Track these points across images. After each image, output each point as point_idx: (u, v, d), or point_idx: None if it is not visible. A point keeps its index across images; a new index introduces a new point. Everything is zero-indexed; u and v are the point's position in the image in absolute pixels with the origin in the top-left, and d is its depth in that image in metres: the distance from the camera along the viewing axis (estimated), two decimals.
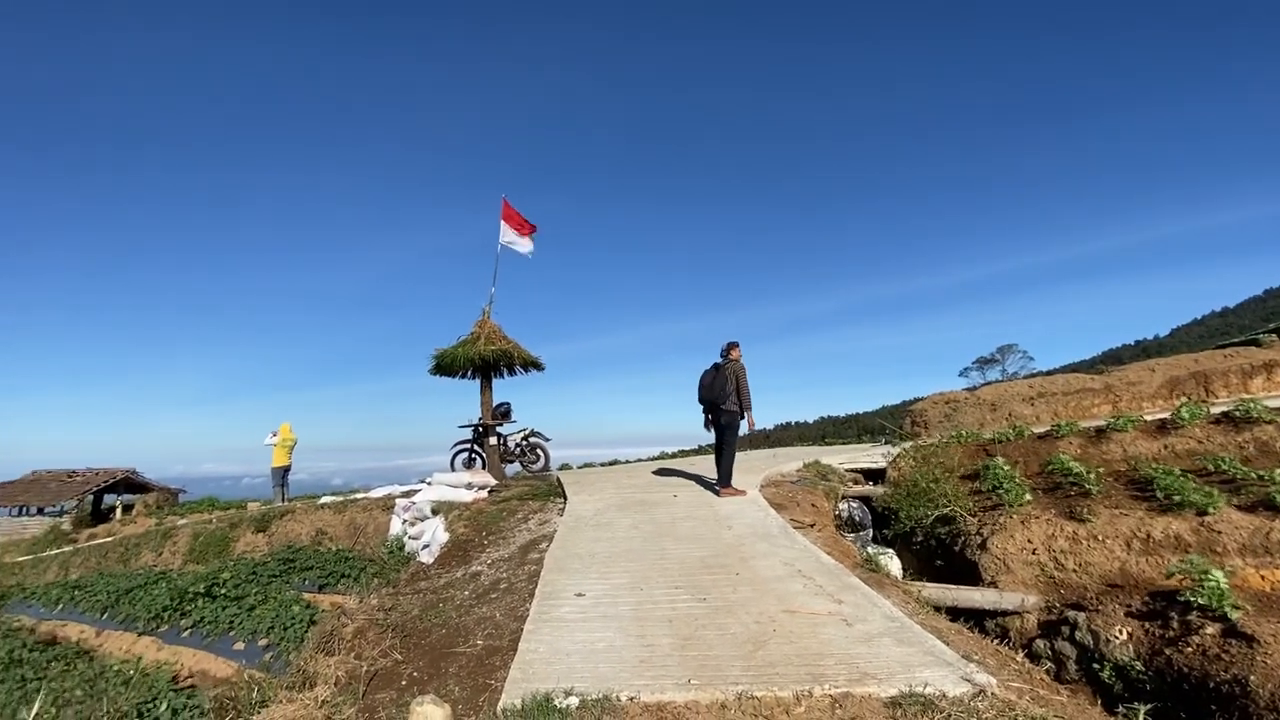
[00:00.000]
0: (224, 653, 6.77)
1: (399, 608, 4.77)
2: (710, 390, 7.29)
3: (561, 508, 7.59)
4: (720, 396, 7.20)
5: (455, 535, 7.05)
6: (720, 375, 7.25)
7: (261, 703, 3.18)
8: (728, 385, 7.17)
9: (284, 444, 13.73)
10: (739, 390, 7.18)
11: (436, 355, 10.95)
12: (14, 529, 21.16)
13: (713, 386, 7.27)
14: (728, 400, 7.17)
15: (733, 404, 7.19)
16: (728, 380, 7.18)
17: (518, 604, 4.53)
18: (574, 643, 3.57)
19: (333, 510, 10.68)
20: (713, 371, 7.37)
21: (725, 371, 7.24)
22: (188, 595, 7.89)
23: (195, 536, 11.65)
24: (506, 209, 11.49)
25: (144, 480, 23.73)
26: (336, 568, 8.51)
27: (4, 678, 6.66)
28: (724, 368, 7.28)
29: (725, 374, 7.22)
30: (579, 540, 5.76)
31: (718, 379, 7.25)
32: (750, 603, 4.08)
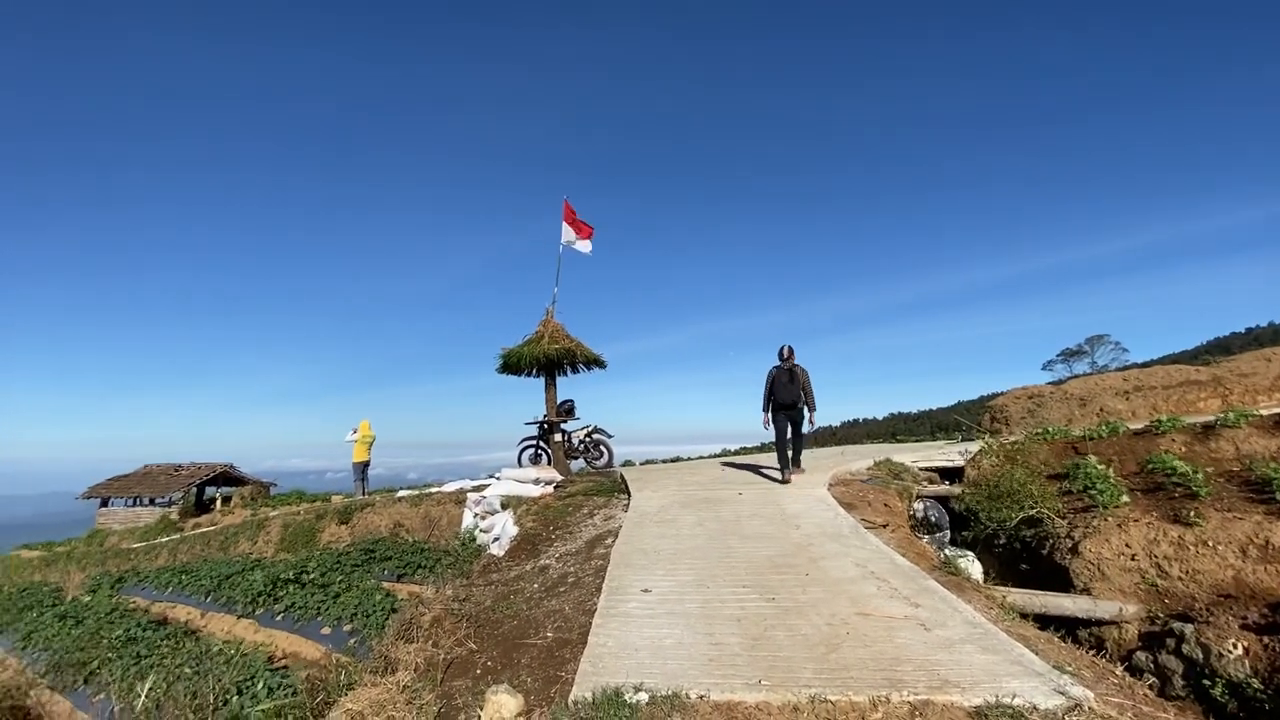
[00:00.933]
0: (313, 636, 7.21)
1: (472, 598, 4.93)
2: (789, 391, 7.91)
3: (626, 504, 7.65)
4: (795, 398, 7.91)
5: (524, 529, 7.22)
6: (795, 378, 7.92)
7: (348, 685, 3.35)
8: (795, 384, 7.88)
9: (364, 440, 14.48)
10: (806, 392, 7.94)
11: (503, 355, 11.27)
12: (129, 518, 23.31)
13: (790, 388, 7.90)
14: (801, 401, 7.93)
15: (803, 403, 7.96)
16: (800, 383, 7.91)
17: (585, 598, 4.59)
18: (642, 638, 3.58)
19: (409, 503, 11.16)
20: (788, 374, 7.94)
21: (798, 375, 7.91)
22: (280, 581, 8.45)
23: (285, 527, 12.45)
24: (567, 211, 11.68)
25: (240, 474, 25.61)
26: (413, 558, 8.90)
27: (122, 654, 7.32)
28: (797, 371, 7.92)
29: (798, 378, 7.91)
30: (644, 536, 5.78)
31: (794, 382, 7.90)
32: (821, 604, 3.97)
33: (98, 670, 6.91)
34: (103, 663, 7.03)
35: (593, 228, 11.93)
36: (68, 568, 15.52)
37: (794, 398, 7.87)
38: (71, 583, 13.33)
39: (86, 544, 19.95)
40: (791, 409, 7.95)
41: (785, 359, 7.94)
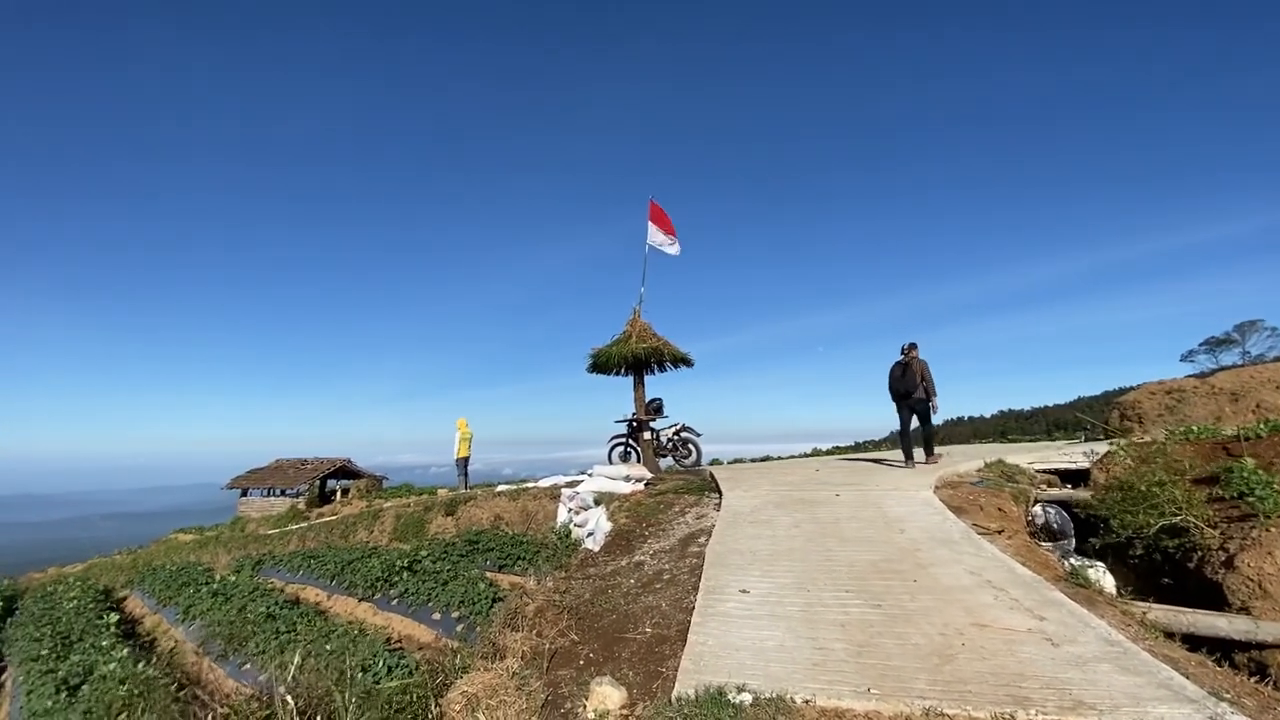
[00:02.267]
0: (425, 621, 7.69)
1: (572, 591, 5.09)
2: (901, 383, 8.71)
3: (717, 503, 7.60)
4: (911, 388, 8.62)
5: (618, 525, 7.35)
6: (909, 371, 8.64)
7: (463, 669, 3.56)
8: (916, 379, 8.57)
9: (464, 437, 15.30)
10: (924, 380, 8.60)
11: (593, 354, 11.54)
12: (265, 506, 25.88)
13: (903, 380, 8.68)
14: (917, 390, 8.59)
15: (921, 394, 8.61)
16: (916, 375, 8.59)
17: (681, 596, 4.61)
18: (743, 639, 3.55)
19: (508, 498, 11.67)
20: (901, 368, 8.72)
21: (913, 368, 8.62)
22: (395, 569, 9.08)
23: (397, 518, 13.38)
24: (654, 210, 11.77)
25: (356, 468, 27.81)
26: (513, 550, 9.29)
27: (264, 629, 8.14)
28: (910, 365, 8.65)
29: (913, 370, 8.61)
30: (738, 536, 5.72)
31: (907, 374, 8.64)
32: (932, 612, 3.77)
33: (244, 642, 7.72)
34: (248, 636, 7.84)
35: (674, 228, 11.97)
36: (216, 550, 17.48)
37: (908, 388, 8.59)
38: (219, 563, 15.01)
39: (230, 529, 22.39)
40: (908, 399, 8.67)
41: (903, 353, 8.75)
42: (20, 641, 9.93)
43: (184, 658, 8.25)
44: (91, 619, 10.48)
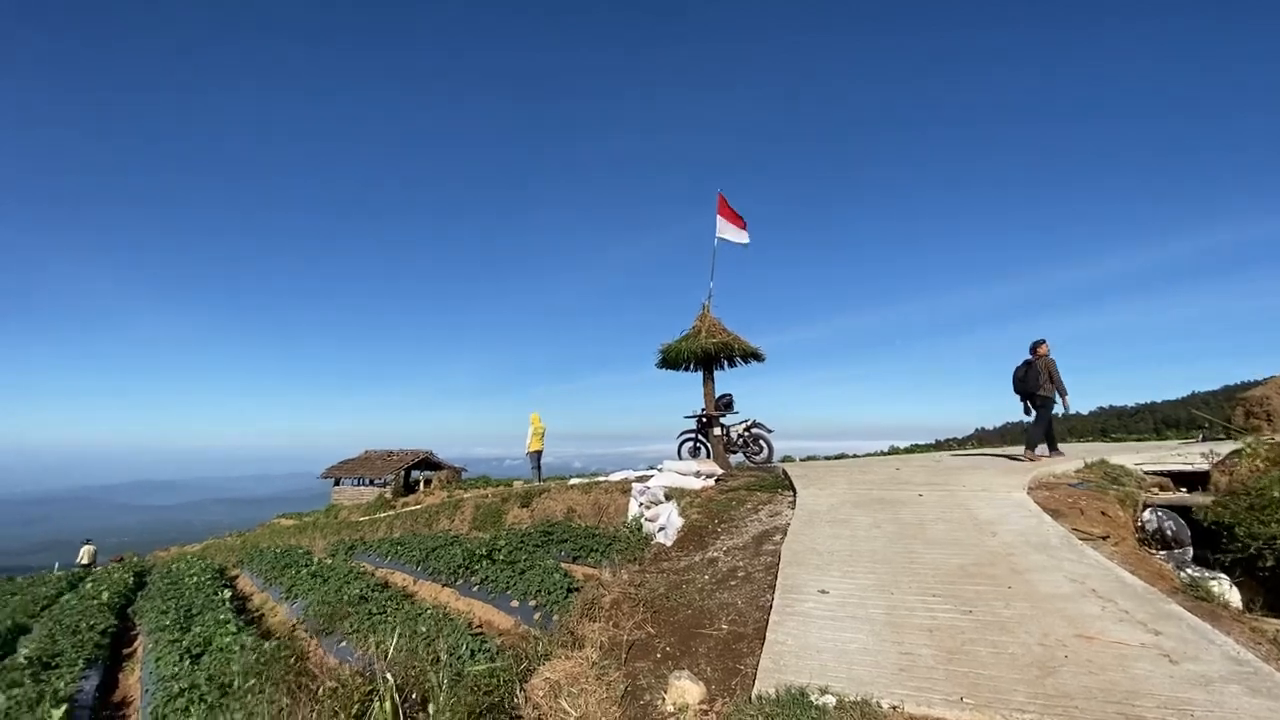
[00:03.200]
0: (503, 608, 7.97)
1: (646, 584, 5.13)
2: (1024, 383, 8.83)
3: (791, 501, 7.45)
4: (1033, 387, 8.69)
5: (689, 521, 7.35)
6: (1032, 369, 8.72)
7: (545, 656, 3.67)
8: (1040, 377, 8.61)
9: (536, 431, 15.71)
10: (1052, 379, 8.59)
11: (662, 350, 11.52)
12: (355, 495, 27.59)
13: (1025, 380, 8.79)
14: (1040, 389, 8.62)
15: (1045, 391, 8.62)
16: (1040, 373, 8.62)
17: (758, 594, 4.56)
18: (824, 640, 3.47)
19: (580, 490, 11.91)
20: (1024, 366, 8.83)
21: (1037, 365, 8.67)
22: (475, 557, 9.45)
23: (476, 508, 13.93)
24: (722, 204, 11.62)
25: (438, 460, 29.17)
26: (586, 542, 9.47)
27: (358, 609, 8.68)
28: (1034, 363, 8.70)
29: (1037, 367, 8.67)
30: (815, 535, 5.59)
31: (1030, 373, 8.74)
32: (1029, 621, 3.55)
33: (341, 621, 8.27)
34: (344, 615, 8.40)
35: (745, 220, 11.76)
36: (313, 535, 18.79)
37: (1028, 387, 8.73)
38: (316, 547, 16.12)
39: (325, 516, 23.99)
40: (1030, 397, 8.82)
41: (1031, 351, 8.81)
42: (150, 613, 11.05)
43: (289, 633, 8.91)
44: (209, 594, 11.52)
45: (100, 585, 15.00)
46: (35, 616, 12.53)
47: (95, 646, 9.37)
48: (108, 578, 16.41)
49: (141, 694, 7.61)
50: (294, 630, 8.83)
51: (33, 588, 16.53)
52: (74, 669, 8.21)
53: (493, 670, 3.29)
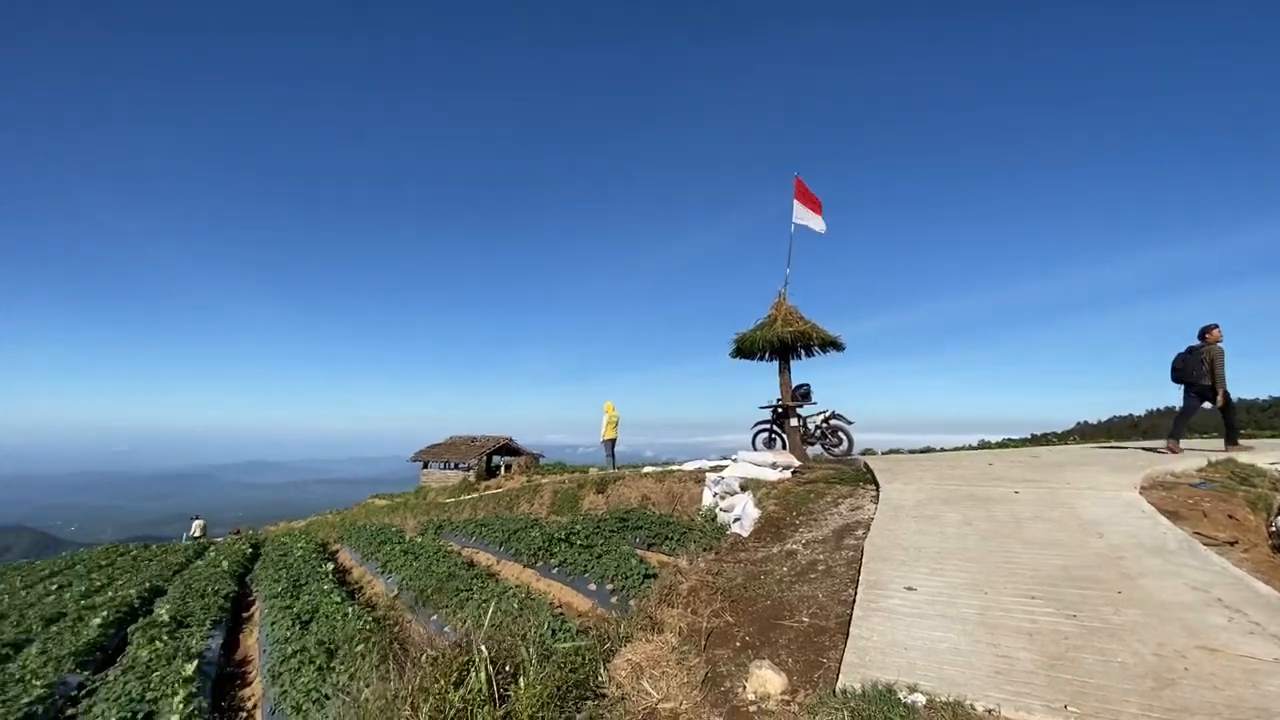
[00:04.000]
0: (582, 590, 8.20)
1: (724, 574, 5.13)
2: (1183, 374, 8.37)
3: (874, 495, 7.22)
4: (1194, 376, 8.23)
5: (766, 512, 7.27)
6: (1193, 357, 8.26)
7: (626, 638, 3.76)
8: (1201, 366, 8.14)
9: (611, 420, 15.97)
10: (1212, 371, 8.05)
11: (736, 339, 11.37)
12: (442, 478, 29.05)
13: (1184, 369, 8.33)
14: (1200, 379, 8.16)
15: (1204, 382, 8.13)
16: (1200, 362, 8.16)
17: (839, 588, 4.47)
18: (911, 638, 3.36)
19: (654, 479, 12.01)
20: (1186, 353, 8.36)
21: (1199, 354, 8.20)
22: (554, 540, 9.76)
23: (554, 493, 14.34)
24: (799, 188, 11.30)
25: (517, 446, 30.25)
26: (661, 530, 9.57)
27: (446, 586, 9.19)
28: (1197, 350, 8.25)
29: (1198, 356, 8.20)
30: (900, 531, 5.39)
31: (1190, 360, 8.29)
32: (1142, 629, 3.29)
33: (431, 596, 8.77)
34: (434, 591, 8.91)
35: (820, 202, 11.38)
36: (405, 514, 19.95)
37: (1186, 377, 8.28)
38: (408, 526, 17.12)
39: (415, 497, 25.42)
40: (1188, 387, 8.35)
41: (1199, 337, 8.29)
42: (264, 581, 12.13)
43: (387, 605, 9.55)
44: (314, 566, 12.51)
45: (222, 555, 16.62)
46: (169, 580, 14.05)
47: (219, 609, 10.41)
48: (228, 548, 18.15)
49: (260, 654, 8.39)
50: (391, 603, 9.44)
51: (165, 555, 18.53)
52: (203, 628, 9.16)
53: (577, 649, 3.41)
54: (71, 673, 7.75)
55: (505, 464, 29.23)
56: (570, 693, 3.01)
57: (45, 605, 11.93)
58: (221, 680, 7.92)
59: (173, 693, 6.46)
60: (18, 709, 6.39)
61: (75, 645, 8.56)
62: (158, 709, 6.27)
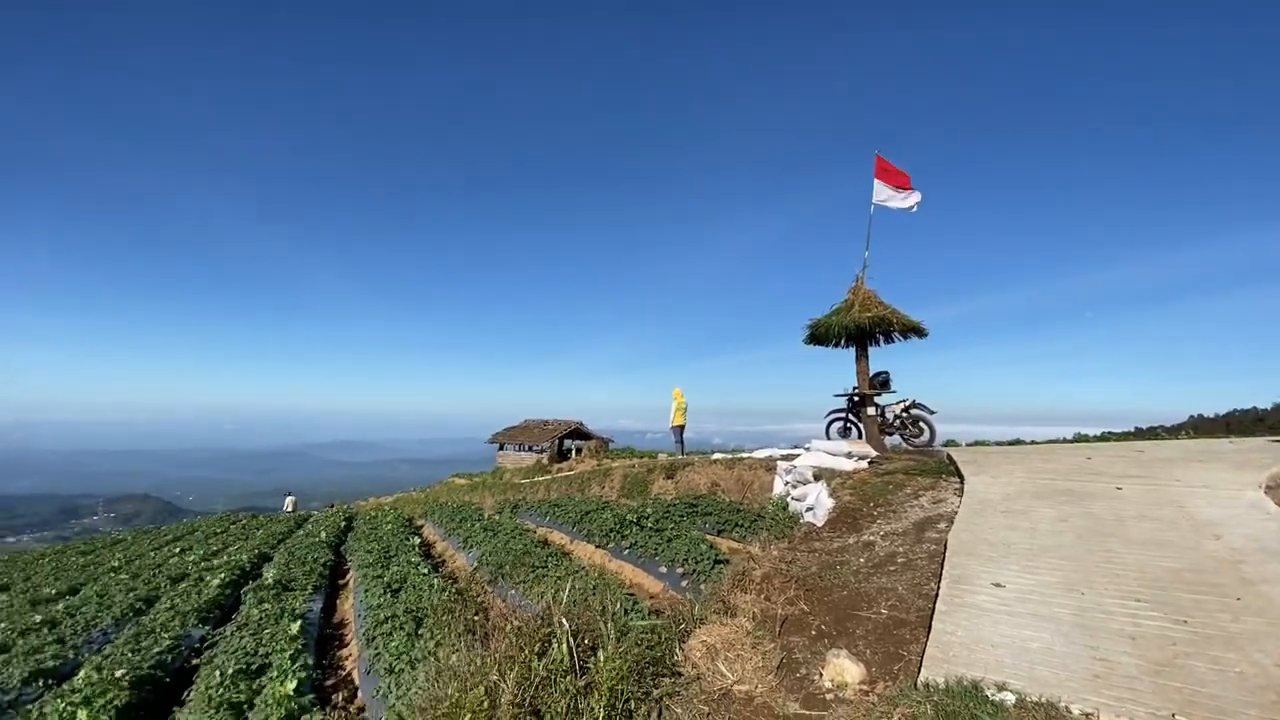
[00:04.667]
0: (652, 572, 8.33)
1: (798, 562, 5.09)
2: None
3: (957, 488, 6.93)
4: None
5: (841, 502, 7.12)
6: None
7: (700, 620, 3.82)
8: None
9: (679, 406, 16.01)
10: None
11: (810, 325, 11.07)
12: (517, 459, 30.10)
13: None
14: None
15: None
16: None
17: (920, 581, 4.35)
18: (999, 635, 3.23)
19: (724, 466, 11.99)
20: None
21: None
22: (625, 522, 9.95)
23: (624, 477, 14.58)
24: (881, 165, 10.82)
25: (587, 430, 30.88)
26: (730, 517, 9.56)
27: (523, 562, 9.57)
28: None
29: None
30: (987, 526, 5.16)
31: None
32: (1265, 638, 3.02)
33: (510, 572, 9.17)
34: (512, 566, 9.30)
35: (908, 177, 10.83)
36: (483, 493, 20.84)
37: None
38: (486, 504, 17.87)
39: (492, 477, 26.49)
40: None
41: None
42: (357, 551, 13.03)
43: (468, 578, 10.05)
44: (402, 540, 13.31)
45: (319, 527, 17.97)
46: (274, 548, 15.32)
47: (318, 576, 11.28)
48: (324, 521, 19.59)
49: (355, 618, 9.04)
50: (472, 576, 9.94)
51: (270, 525, 20.20)
52: (304, 592, 9.96)
53: (653, 627, 3.50)
54: (194, 627, 8.64)
55: (576, 447, 29.94)
56: (647, 669, 3.10)
57: (171, 566, 13.34)
58: (322, 640, 8.60)
59: (281, 649, 7.08)
60: (150, 657, 7.19)
61: (198, 603, 9.53)
62: (269, 663, 6.90)
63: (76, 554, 17.29)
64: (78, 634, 8.52)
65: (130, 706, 6.06)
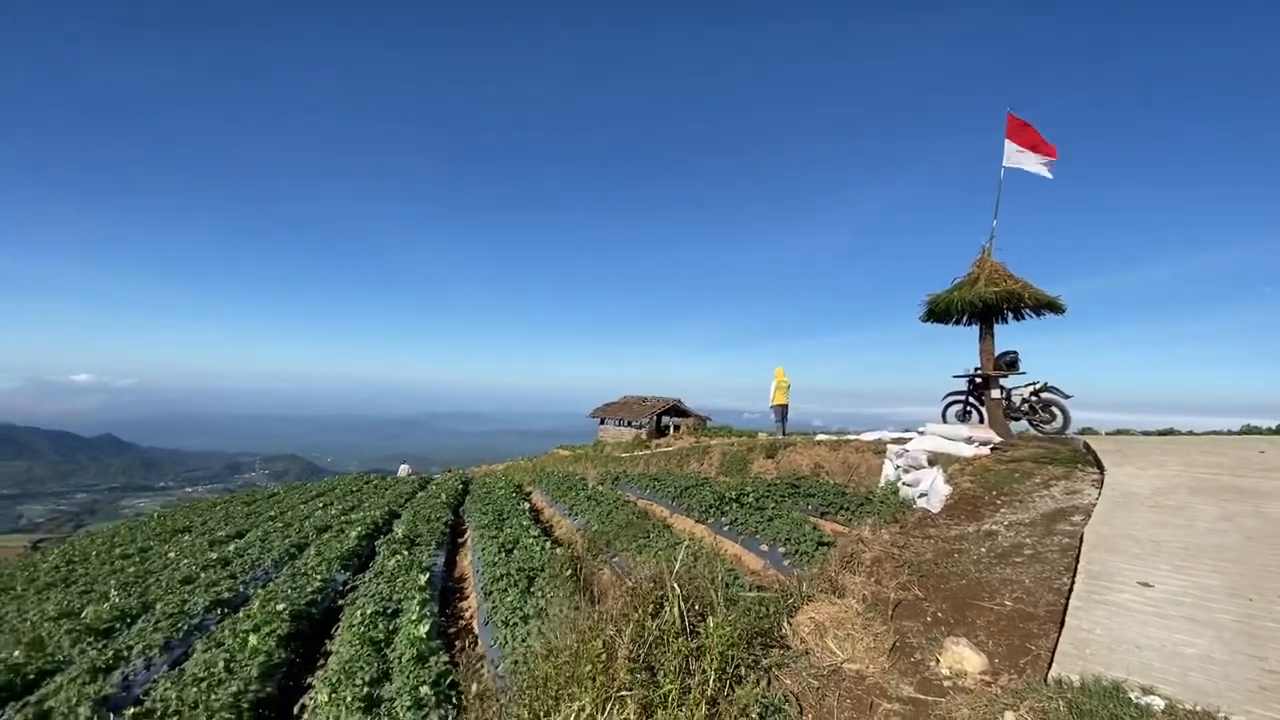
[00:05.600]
0: (753, 550, 8.33)
1: (910, 548, 4.91)
2: None
3: (1095, 479, 6.34)
4: None
5: (959, 489, 6.74)
6: None
7: (808, 597, 3.80)
8: None
9: (780, 385, 15.70)
10: None
11: (929, 300, 10.38)
12: (616, 434, 30.91)
13: None
14: None
15: None
16: None
17: (1050, 575, 4.06)
18: (1145, 637, 2.97)
19: (828, 447, 11.68)
20: None
21: None
22: (725, 499, 9.99)
23: (723, 455, 14.59)
24: (1013, 125, 9.87)
25: (685, 408, 31.08)
26: (834, 499, 9.33)
27: (625, 532, 9.91)
28: None
29: None
30: (1132, 521, 4.69)
31: None
32: None
33: (613, 540, 9.53)
34: (616, 534, 9.66)
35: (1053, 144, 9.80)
36: (585, 465, 21.64)
37: None
38: (589, 475, 18.56)
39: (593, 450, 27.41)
40: None
41: None
42: (474, 513, 14.02)
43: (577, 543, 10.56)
44: (514, 504, 14.16)
45: (440, 489, 19.48)
46: (402, 506, 16.81)
47: (440, 534, 12.27)
48: (444, 484, 21.20)
49: (473, 574, 9.79)
50: (579, 541, 10.42)
51: (397, 485, 22.13)
52: (429, 548, 10.89)
53: (761, 599, 3.53)
54: (337, 572, 9.72)
55: (674, 424, 30.25)
56: (754, 640, 3.15)
57: (316, 518, 15.01)
58: (445, 592, 9.40)
59: (411, 596, 7.83)
60: (304, 595, 8.19)
61: (340, 551, 10.69)
62: (401, 608, 7.66)
63: (241, 504, 19.91)
64: (245, 572, 9.85)
65: (290, 635, 6.96)
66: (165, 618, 7.56)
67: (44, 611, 8.83)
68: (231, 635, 6.77)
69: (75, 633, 7.32)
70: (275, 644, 6.52)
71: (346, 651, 6.34)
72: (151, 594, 8.98)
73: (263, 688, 5.76)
